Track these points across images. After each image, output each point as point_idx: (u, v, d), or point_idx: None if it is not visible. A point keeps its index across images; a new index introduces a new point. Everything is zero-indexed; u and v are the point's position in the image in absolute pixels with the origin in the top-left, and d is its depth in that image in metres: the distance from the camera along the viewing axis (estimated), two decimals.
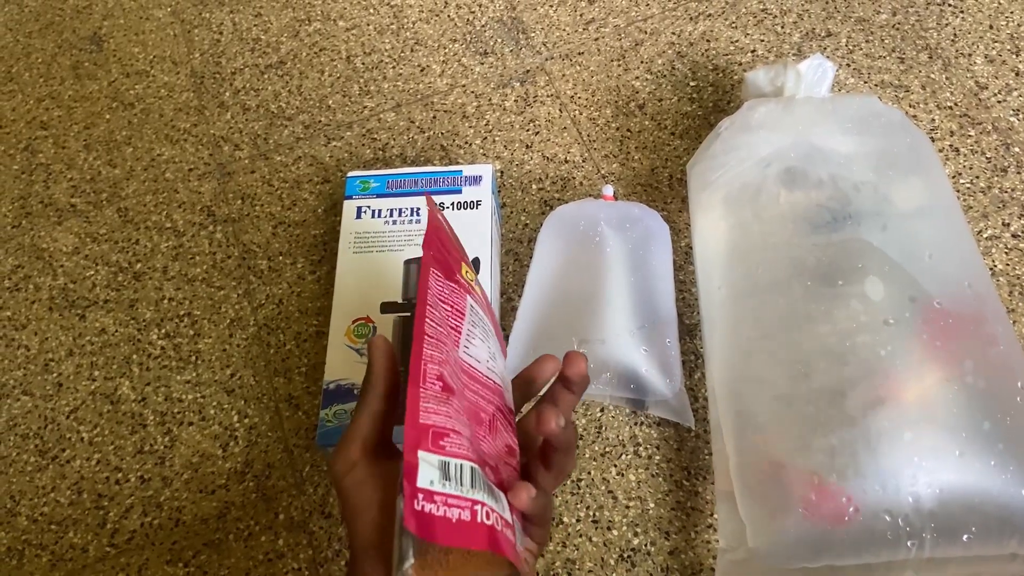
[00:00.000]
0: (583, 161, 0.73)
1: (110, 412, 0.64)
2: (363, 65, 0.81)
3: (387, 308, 0.59)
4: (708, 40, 0.80)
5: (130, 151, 0.78)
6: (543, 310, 0.59)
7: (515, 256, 0.68)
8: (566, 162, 0.73)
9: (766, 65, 0.65)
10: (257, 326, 0.67)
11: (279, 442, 0.62)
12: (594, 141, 0.74)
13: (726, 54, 0.78)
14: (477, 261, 0.61)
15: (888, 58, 0.76)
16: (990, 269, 0.64)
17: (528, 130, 0.75)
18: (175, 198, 0.74)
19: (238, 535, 0.58)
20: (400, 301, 0.60)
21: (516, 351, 0.57)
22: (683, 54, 0.79)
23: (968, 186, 0.69)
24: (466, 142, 0.75)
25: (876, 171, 0.53)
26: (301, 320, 0.67)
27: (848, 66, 0.76)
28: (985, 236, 0.66)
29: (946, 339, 0.48)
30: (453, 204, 0.64)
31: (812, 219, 0.53)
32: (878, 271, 0.50)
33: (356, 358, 0.58)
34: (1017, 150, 0.70)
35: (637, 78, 0.78)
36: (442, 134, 0.76)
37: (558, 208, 0.64)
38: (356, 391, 0.56)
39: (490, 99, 0.78)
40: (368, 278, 0.61)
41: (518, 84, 0.78)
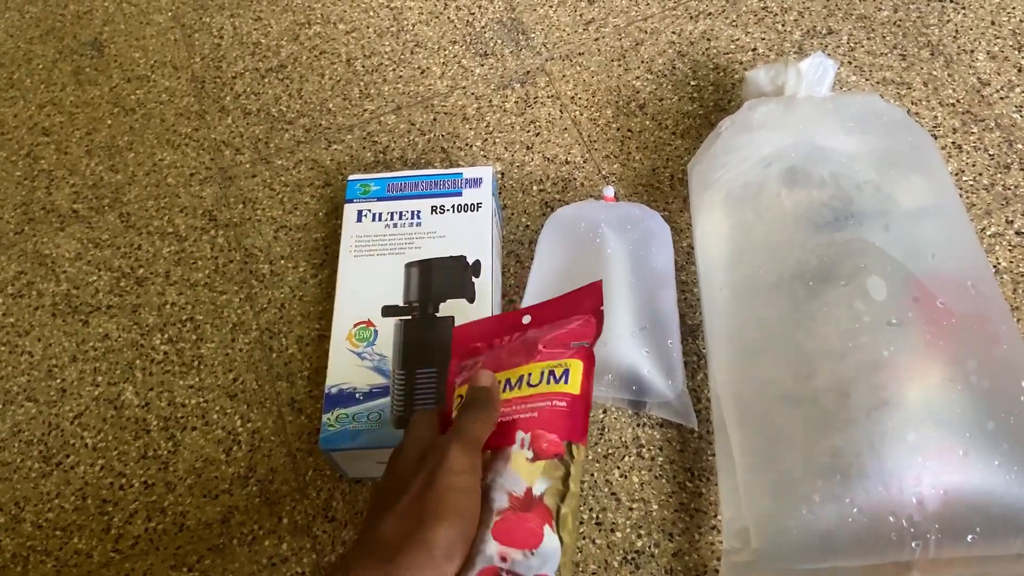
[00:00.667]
0: (584, 162, 0.73)
1: (113, 418, 0.64)
2: (363, 68, 0.81)
3: (388, 312, 0.59)
4: (708, 39, 0.79)
5: (132, 156, 0.78)
6: None
7: (516, 258, 0.68)
8: (567, 163, 0.73)
9: (767, 64, 0.65)
10: (259, 330, 0.67)
11: (282, 446, 0.62)
12: (595, 142, 0.74)
13: (727, 53, 0.78)
14: (478, 264, 0.61)
15: (889, 55, 0.76)
16: (993, 267, 0.64)
17: (529, 131, 0.75)
18: (177, 203, 0.74)
19: (242, 540, 0.58)
20: (401, 304, 0.60)
21: None
22: (684, 53, 0.79)
23: (971, 183, 0.68)
24: (467, 144, 0.75)
25: (878, 170, 0.53)
26: (303, 324, 0.67)
27: (849, 64, 0.76)
28: (988, 234, 0.66)
29: (949, 339, 0.48)
30: (453, 207, 0.64)
31: (814, 219, 0.53)
32: (881, 271, 0.49)
33: (358, 362, 0.58)
34: (1020, 147, 0.70)
35: (638, 78, 0.78)
36: (443, 136, 0.76)
37: (558, 210, 0.64)
38: (358, 395, 0.56)
39: (490, 100, 0.78)
40: (369, 282, 0.61)
41: (518, 85, 0.78)
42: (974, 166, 0.69)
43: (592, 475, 0.59)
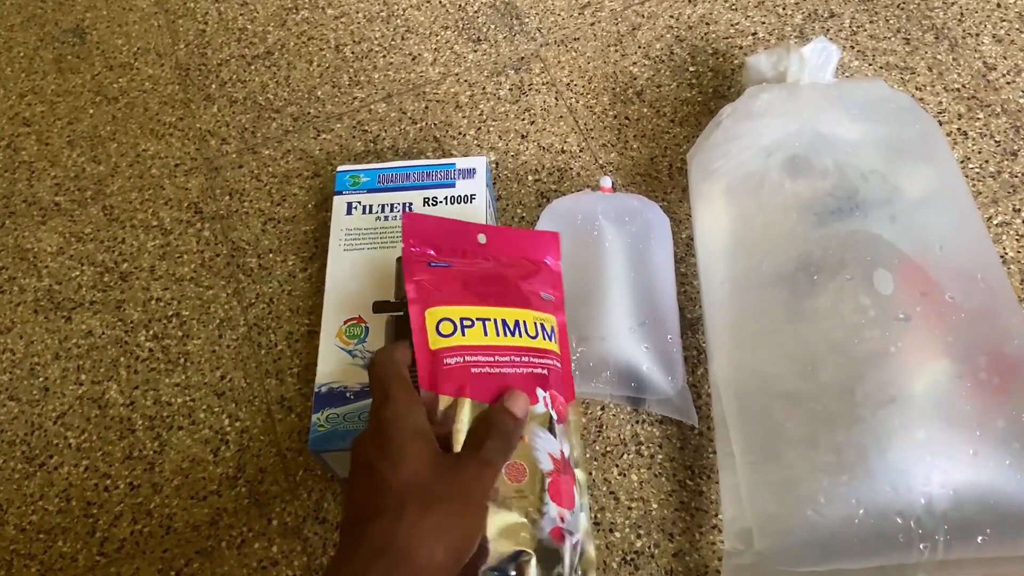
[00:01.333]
0: (580, 151, 0.71)
1: (98, 417, 0.62)
2: (352, 54, 0.79)
3: (379, 307, 0.58)
4: (707, 23, 0.77)
5: (115, 147, 0.76)
6: None
7: None
8: (563, 152, 0.71)
9: (768, 49, 0.63)
10: (247, 326, 0.65)
11: (271, 446, 0.60)
12: (591, 130, 0.72)
13: (726, 37, 0.76)
14: None
15: (893, 39, 0.74)
16: (1000, 257, 0.63)
17: (523, 119, 0.73)
18: (161, 195, 0.72)
19: (231, 542, 0.57)
20: (393, 300, 0.58)
21: None
22: (682, 38, 0.77)
23: (977, 171, 0.67)
24: (459, 132, 0.73)
25: (884, 159, 0.51)
26: (292, 319, 0.65)
27: (852, 48, 0.74)
28: (995, 223, 0.64)
29: (959, 334, 0.46)
30: (447, 199, 0.62)
31: (818, 209, 0.52)
32: (888, 264, 0.48)
33: (348, 359, 0.56)
34: None
35: (635, 64, 0.75)
36: (435, 125, 0.74)
37: (554, 201, 0.62)
38: (349, 394, 0.55)
39: (484, 88, 0.75)
40: (360, 276, 0.59)
41: (512, 72, 0.76)
42: (980, 153, 0.67)
43: (590, 473, 0.57)
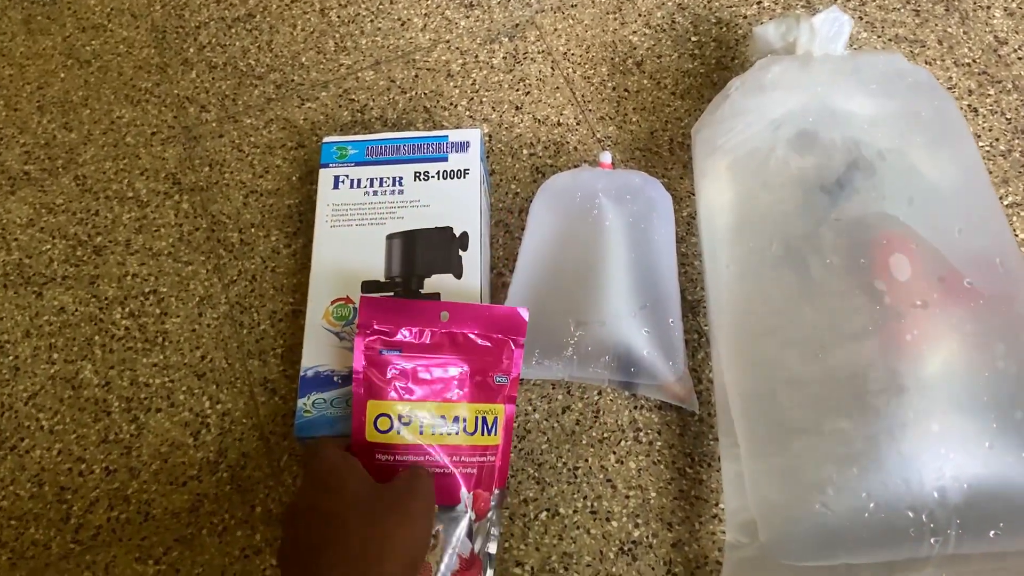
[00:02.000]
0: (577, 124, 0.68)
1: (71, 398, 0.60)
2: (339, 18, 0.75)
3: (368, 287, 0.55)
4: None
5: (87, 113, 0.72)
6: (537, 289, 0.54)
7: (505, 228, 0.64)
8: (559, 125, 0.68)
9: (776, 18, 0.60)
10: (228, 304, 0.62)
11: (254, 429, 0.58)
12: (589, 102, 0.69)
13: (730, 6, 0.73)
14: (466, 236, 0.57)
15: (903, 10, 0.72)
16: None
17: (518, 90, 0.70)
18: (137, 164, 0.69)
19: (212, 530, 0.55)
20: (383, 280, 0.55)
21: None
22: (684, 6, 0.73)
23: (988, 149, 0.64)
24: (451, 103, 0.70)
25: (902, 137, 0.49)
26: (276, 298, 0.62)
27: (860, 19, 0.71)
28: (1006, 203, 0.62)
29: (977, 321, 0.45)
30: (439, 173, 0.59)
31: (831, 188, 0.49)
32: (904, 248, 0.46)
33: (336, 342, 0.53)
34: None
35: (635, 32, 0.72)
36: (425, 94, 0.70)
37: (552, 177, 0.59)
38: (336, 379, 0.52)
39: (476, 56, 0.72)
40: (347, 254, 0.57)
41: (506, 39, 0.73)
42: (991, 131, 0.65)
43: (587, 460, 0.55)
